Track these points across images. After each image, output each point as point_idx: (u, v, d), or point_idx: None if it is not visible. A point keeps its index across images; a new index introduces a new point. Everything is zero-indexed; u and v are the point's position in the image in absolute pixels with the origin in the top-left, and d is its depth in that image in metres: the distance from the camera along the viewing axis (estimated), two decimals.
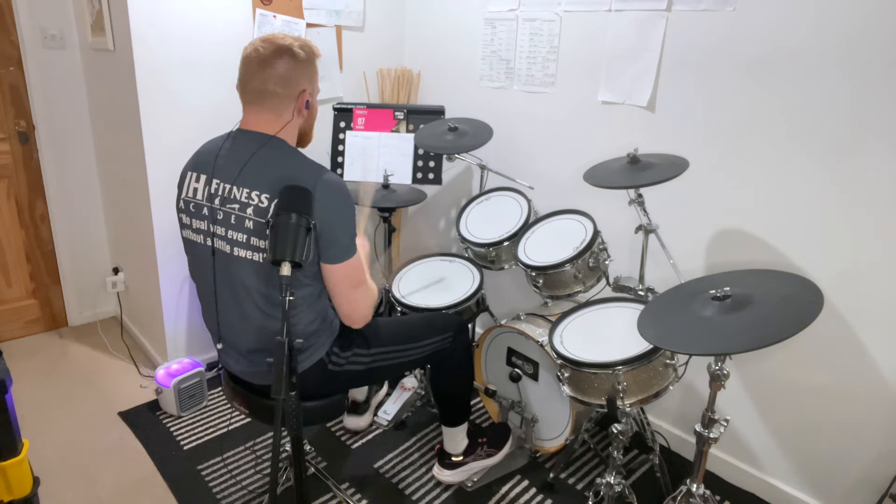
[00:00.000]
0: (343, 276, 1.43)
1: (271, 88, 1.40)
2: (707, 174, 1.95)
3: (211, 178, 1.43)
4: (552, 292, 1.98)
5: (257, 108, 1.43)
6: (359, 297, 1.49)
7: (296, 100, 1.44)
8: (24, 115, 2.65)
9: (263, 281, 1.41)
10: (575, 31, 2.24)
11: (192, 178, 1.47)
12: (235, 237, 1.40)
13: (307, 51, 1.44)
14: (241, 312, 1.45)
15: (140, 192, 2.39)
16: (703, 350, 1.22)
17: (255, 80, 1.40)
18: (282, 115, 1.44)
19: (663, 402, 2.23)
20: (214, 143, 1.49)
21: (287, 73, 1.40)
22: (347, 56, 2.78)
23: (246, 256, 1.40)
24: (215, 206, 1.42)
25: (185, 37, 2.26)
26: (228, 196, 1.40)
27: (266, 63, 1.39)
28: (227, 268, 1.43)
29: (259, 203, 1.36)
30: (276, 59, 1.39)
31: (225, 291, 1.46)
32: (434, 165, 2.55)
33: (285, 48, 1.40)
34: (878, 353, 1.69)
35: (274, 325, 1.45)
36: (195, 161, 1.50)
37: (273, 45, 1.40)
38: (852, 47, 1.59)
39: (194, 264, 1.53)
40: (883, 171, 1.60)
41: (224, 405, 2.40)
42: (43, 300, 2.89)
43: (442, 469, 1.97)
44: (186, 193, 1.48)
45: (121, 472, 2.02)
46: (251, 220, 1.37)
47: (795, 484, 1.93)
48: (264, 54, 1.39)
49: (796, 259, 1.80)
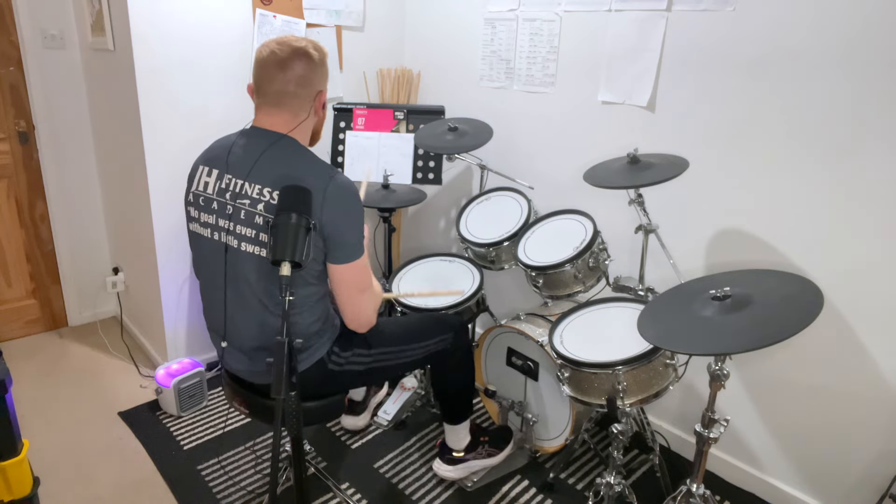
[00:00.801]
0: (350, 278, 1.44)
1: (292, 90, 1.43)
2: (707, 174, 1.95)
3: (223, 174, 1.45)
4: (552, 292, 1.98)
5: (276, 109, 1.45)
6: (363, 301, 1.50)
7: (313, 100, 1.47)
8: (24, 115, 2.65)
9: (268, 277, 1.42)
10: (575, 31, 2.24)
11: (203, 172, 1.49)
12: (244, 232, 1.41)
13: (320, 52, 1.48)
14: (244, 308, 1.46)
15: (140, 192, 2.39)
16: (703, 350, 1.22)
17: (275, 82, 1.42)
18: (298, 115, 1.46)
19: (663, 402, 2.23)
20: (227, 138, 1.51)
21: (306, 74, 1.43)
22: (347, 56, 2.78)
23: (254, 252, 1.41)
24: (226, 201, 1.43)
25: (186, 37, 2.26)
26: (240, 192, 1.41)
27: (285, 65, 1.41)
28: (233, 263, 1.44)
29: (270, 199, 1.38)
30: (295, 60, 1.42)
31: (229, 287, 1.47)
32: (434, 165, 2.55)
33: (302, 50, 1.43)
34: (878, 354, 1.69)
35: (276, 322, 1.45)
36: (207, 156, 1.51)
37: (290, 47, 1.42)
38: (852, 47, 1.60)
39: (199, 259, 1.53)
40: (883, 170, 1.60)
41: (224, 405, 2.40)
42: (43, 300, 2.90)
43: (442, 464, 1.97)
44: (197, 187, 1.49)
45: (121, 472, 2.02)
46: (261, 216, 1.39)
47: (795, 484, 1.93)
48: (282, 56, 1.41)
49: (796, 259, 1.80)
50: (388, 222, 2.53)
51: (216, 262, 1.47)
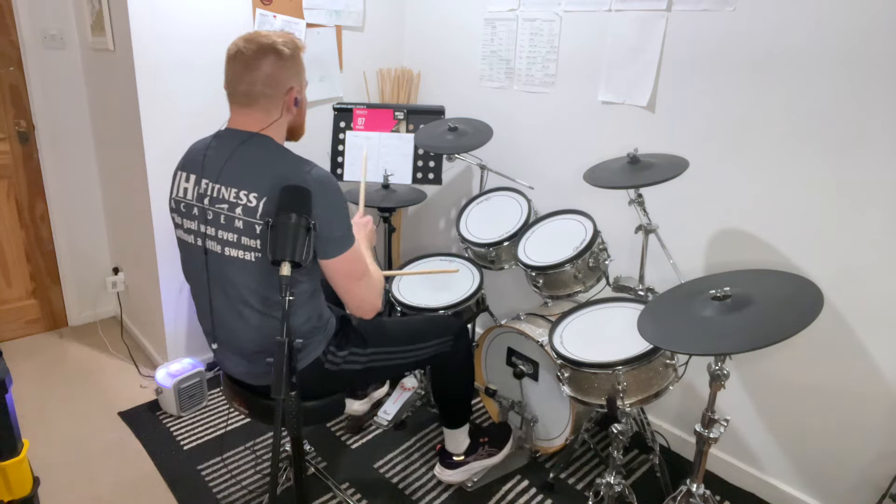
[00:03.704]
0: (343, 270, 1.41)
1: (259, 90, 1.38)
2: (707, 174, 1.95)
3: (200, 178, 1.41)
4: (552, 292, 1.98)
5: (246, 109, 1.41)
6: (363, 289, 1.46)
7: (284, 98, 1.42)
8: (24, 115, 2.65)
9: (256, 280, 1.39)
10: (575, 31, 2.24)
11: (181, 178, 1.46)
12: (226, 237, 1.38)
13: (291, 46, 1.41)
14: (235, 313, 1.44)
15: (140, 192, 2.39)
16: (703, 350, 1.22)
17: (243, 82, 1.38)
18: (270, 113, 1.42)
19: (663, 402, 2.23)
20: (203, 142, 1.48)
21: (274, 72, 1.38)
22: (347, 56, 2.78)
23: (238, 256, 1.38)
24: (205, 206, 1.40)
25: (186, 37, 2.26)
26: (217, 196, 1.38)
27: (250, 65, 1.37)
28: (219, 268, 1.42)
29: (248, 203, 1.35)
30: (261, 59, 1.37)
31: (218, 292, 1.45)
32: (434, 165, 2.55)
33: (269, 46, 1.38)
34: (878, 353, 1.69)
35: (269, 324, 1.43)
36: (184, 160, 1.48)
37: (256, 45, 1.37)
38: (853, 47, 1.59)
39: (187, 264, 1.51)
40: (883, 171, 1.60)
41: (224, 405, 2.40)
42: (43, 300, 2.90)
43: (443, 469, 1.97)
44: (177, 193, 1.46)
45: (121, 472, 2.02)
46: (240, 220, 1.36)
47: (795, 484, 1.93)
48: (248, 55, 1.37)
49: (796, 259, 1.80)
50: (388, 222, 2.53)
51: (201, 267, 1.45)
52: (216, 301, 1.46)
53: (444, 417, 1.94)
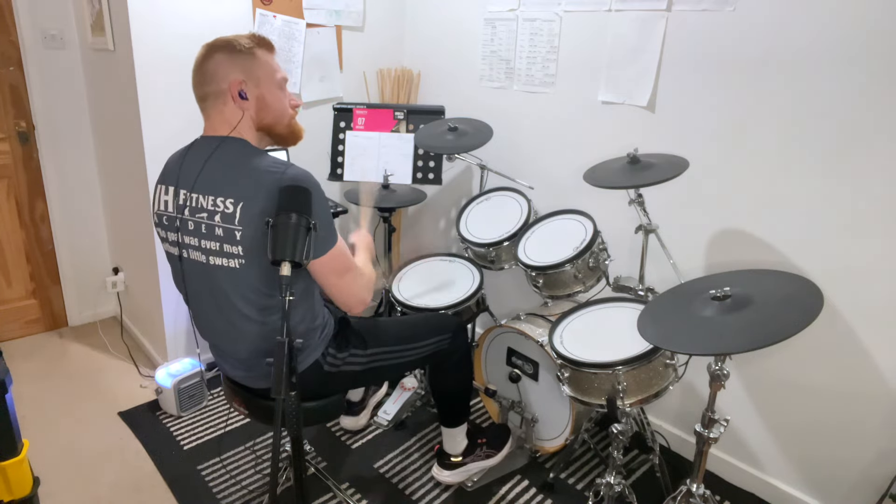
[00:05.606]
0: (327, 268, 1.39)
1: (207, 89, 1.37)
2: (707, 174, 1.95)
3: (178, 189, 1.39)
4: (552, 292, 1.98)
5: (205, 113, 1.41)
6: (348, 284, 1.43)
7: (228, 92, 1.36)
8: (24, 115, 2.65)
9: (244, 286, 1.37)
10: (575, 31, 2.24)
11: (161, 191, 1.44)
12: (209, 246, 1.36)
13: (249, 42, 1.37)
14: (227, 321, 1.43)
15: (140, 192, 2.39)
16: (703, 350, 1.22)
17: (195, 86, 1.38)
18: (224, 113, 1.38)
19: (663, 402, 2.23)
20: (179, 152, 1.47)
21: (214, 68, 1.35)
22: (347, 56, 2.78)
23: (222, 264, 1.36)
24: (187, 217, 1.38)
25: (186, 37, 2.26)
26: (196, 205, 1.36)
27: (199, 66, 1.37)
28: (206, 278, 1.40)
29: (225, 209, 1.32)
30: (209, 58, 1.36)
31: (209, 301, 1.43)
32: (434, 165, 2.55)
33: (219, 44, 1.36)
34: (878, 353, 1.69)
35: (262, 329, 1.42)
36: (162, 173, 1.46)
37: (205, 48, 1.37)
38: (853, 47, 1.59)
39: (177, 276, 1.49)
40: (883, 171, 1.60)
41: (224, 405, 2.40)
42: (43, 300, 2.90)
43: (441, 469, 1.97)
44: (158, 207, 1.44)
45: (121, 472, 2.02)
46: (220, 227, 1.33)
47: (795, 484, 1.93)
48: (198, 59, 1.36)
49: (796, 259, 1.80)
50: (388, 222, 2.53)
51: (190, 279, 1.44)
52: (208, 311, 1.45)
53: (442, 416, 1.94)
